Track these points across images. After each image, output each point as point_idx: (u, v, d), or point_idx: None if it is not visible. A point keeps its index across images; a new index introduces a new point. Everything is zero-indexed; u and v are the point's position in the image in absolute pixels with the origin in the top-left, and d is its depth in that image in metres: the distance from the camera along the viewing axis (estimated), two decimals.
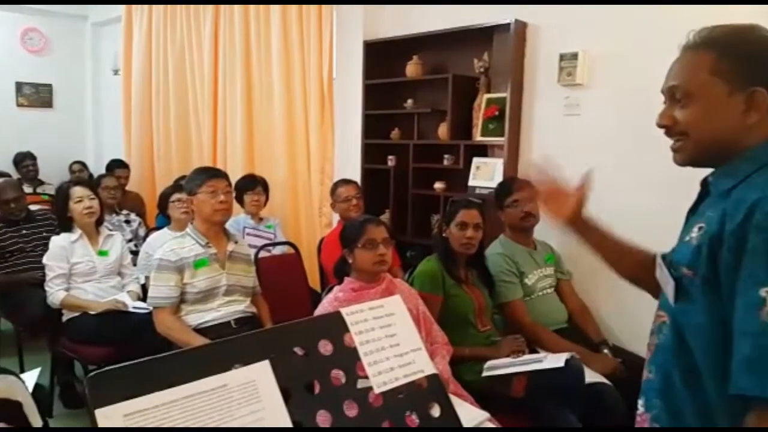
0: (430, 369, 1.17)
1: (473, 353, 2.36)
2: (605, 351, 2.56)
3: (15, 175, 5.31)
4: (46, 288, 3.01)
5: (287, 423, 0.87)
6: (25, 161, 5.69)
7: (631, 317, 2.83)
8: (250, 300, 2.80)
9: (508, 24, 3.15)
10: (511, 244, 2.78)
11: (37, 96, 6.30)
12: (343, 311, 1.12)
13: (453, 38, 3.45)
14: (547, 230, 2.98)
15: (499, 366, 2.26)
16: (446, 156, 3.55)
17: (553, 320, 2.69)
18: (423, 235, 3.66)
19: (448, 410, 1.14)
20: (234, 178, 3.44)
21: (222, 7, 4.62)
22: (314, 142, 4.08)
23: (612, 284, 2.88)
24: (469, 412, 1.80)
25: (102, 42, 6.52)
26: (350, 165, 3.90)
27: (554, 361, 2.15)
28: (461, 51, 3.51)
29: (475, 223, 2.49)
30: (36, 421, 1.39)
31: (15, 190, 3.73)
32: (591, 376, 2.23)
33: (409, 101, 3.73)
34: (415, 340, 1.20)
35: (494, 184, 3.10)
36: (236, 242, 2.79)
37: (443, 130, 3.54)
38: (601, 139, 2.97)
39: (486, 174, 3.36)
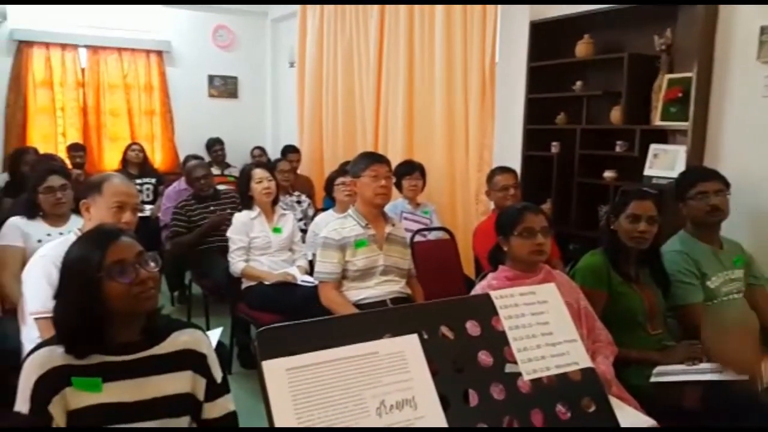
0: (585, 362, 1.11)
1: (641, 356, 2.19)
2: None
3: (207, 159, 5.97)
4: (229, 258, 3.36)
5: (434, 396, 0.88)
6: (215, 146, 6.37)
7: None
8: (406, 282, 2.87)
9: None
10: (693, 242, 2.50)
11: (225, 87, 7.01)
12: (493, 294, 1.10)
13: (630, 14, 3.21)
14: (738, 228, 2.65)
15: (670, 372, 2.07)
16: (618, 142, 3.31)
17: None
18: (588, 227, 3.46)
19: (604, 408, 1.08)
20: (393, 163, 3.53)
21: None
22: (473, 128, 4.03)
23: None
24: (633, 417, 1.69)
25: (280, 37, 7.07)
26: (510, 151, 3.80)
27: None
28: (639, 28, 3.25)
29: (649, 216, 2.28)
30: (217, 373, 1.55)
31: (204, 169, 4.26)
32: None
33: (578, 83, 3.54)
34: (570, 331, 1.15)
35: (675, 173, 2.81)
36: (393, 225, 2.88)
37: (616, 114, 3.31)
38: None
39: (665, 162, 3.07)
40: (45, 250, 2.09)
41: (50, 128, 6.18)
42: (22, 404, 1.35)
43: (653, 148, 3.17)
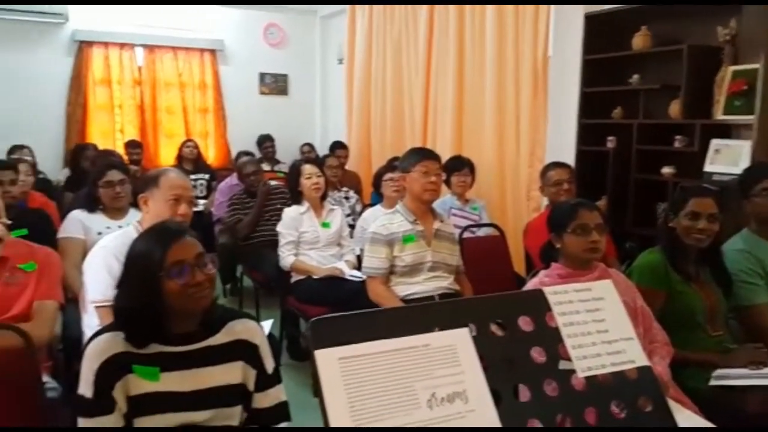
0: (642, 361, 1.09)
1: (700, 358, 2.11)
2: None
3: (258, 155, 6.08)
4: (279, 252, 3.41)
5: (485, 390, 0.87)
6: (265, 143, 6.47)
7: None
8: (454, 278, 2.85)
9: None
10: (757, 240, 2.38)
11: (275, 85, 7.11)
12: (546, 290, 1.09)
13: (690, 5, 3.08)
14: None
15: (732, 376, 1.98)
16: (677, 137, 3.21)
17: None
18: (645, 224, 3.36)
19: (661, 408, 1.06)
20: (442, 159, 3.50)
21: None
22: (525, 124, 3.96)
23: None
24: (691, 421, 1.62)
25: (329, 34, 7.12)
26: (563, 147, 3.72)
27: None
28: (700, 19, 3.14)
29: (710, 214, 2.19)
30: (269, 363, 1.57)
31: (254, 166, 4.35)
32: None
33: (635, 77, 3.44)
34: (627, 328, 1.12)
35: (738, 169, 2.70)
36: (442, 221, 2.86)
37: (675, 108, 3.20)
38: None
39: (728, 158, 2.94)
40: (105, 241, 2.17)
41: (109, 125, 6.39)
42: (85, 389, 1.39)
43: (714, 143, 3.04)
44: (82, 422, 1.39)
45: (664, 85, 3.27)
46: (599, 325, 1.09)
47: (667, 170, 3.27)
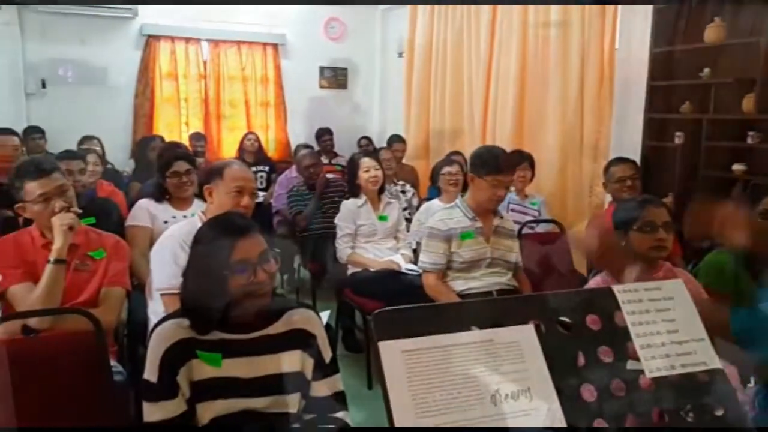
0: (714, 363, 1.06)
1: None
2: None
3: (317, 148, 6.14)
4: (336, 244, 3.45)
5: (550, 388, 0.86)
6: (324, 136, 6.52)
7: None
8: (512, 274, 2.81)
9: None
10: None
11: (335, 78, 7.14)
12: (615, 288, 1.07)
13: None
14: None
15: None
16: (751, 133, 3.08)
17: None
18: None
19: (734, 412, 1.01)
20: None
21: None
22: (589, 117, 3.86)
23: None
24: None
25: (389, 27, 7.09)
26: (629, 142, 3.60)
27: None
28: None
29: None
30: (326, 353, 1.60)
31: (313, 158, 4.39)
32: None
33: (706, 70, 3.30)
34: (698, 329, 1.09)
35: None
36: (501, 217, 2.83)
37: (749, 103, 3.05)
38: None
39: None
40: (172, 230, 2.24)
41: (174, 118, 6.53)
42: (151, 374, 1.44)
43: None
44: (147, 406, 1.43)
45: (737, 78, 3.14)
46: (669, 325, 1.07)
47: (737, 167, 3.14)
